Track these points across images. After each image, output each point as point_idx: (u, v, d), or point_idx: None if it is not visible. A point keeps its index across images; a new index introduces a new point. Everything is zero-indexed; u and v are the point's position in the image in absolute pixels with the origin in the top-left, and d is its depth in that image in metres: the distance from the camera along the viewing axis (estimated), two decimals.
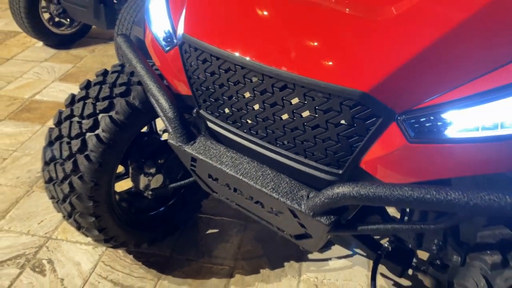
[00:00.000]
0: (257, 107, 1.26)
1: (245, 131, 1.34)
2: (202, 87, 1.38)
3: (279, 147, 1.28)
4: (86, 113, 1.71)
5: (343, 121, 1.12)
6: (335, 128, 1.13)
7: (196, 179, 1.58)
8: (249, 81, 1.23)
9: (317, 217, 1.18)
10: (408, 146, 1.07)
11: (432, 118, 1.05)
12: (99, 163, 1.67)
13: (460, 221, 1.12)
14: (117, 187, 1.90)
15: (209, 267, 2.11)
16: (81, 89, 1.81)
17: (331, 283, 2.04)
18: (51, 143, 1.79)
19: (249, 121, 1.31)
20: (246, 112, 1.29)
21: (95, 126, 1.68)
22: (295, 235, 1.36)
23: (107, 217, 1.82)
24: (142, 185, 1.93)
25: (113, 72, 1.82)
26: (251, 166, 1.33)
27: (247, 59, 1.19)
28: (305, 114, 1.17)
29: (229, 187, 1.42)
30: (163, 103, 1.45)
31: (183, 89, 1.51)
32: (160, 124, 2.02)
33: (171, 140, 1.46)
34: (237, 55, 1.21)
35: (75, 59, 4.07)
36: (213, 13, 1.35)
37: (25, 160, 2.77)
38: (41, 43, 4.32)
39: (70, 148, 1.70)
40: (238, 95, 1.28)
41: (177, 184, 1.90)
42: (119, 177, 2.00)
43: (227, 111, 1.36)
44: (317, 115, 1.14)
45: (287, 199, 1.23)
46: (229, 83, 1.28)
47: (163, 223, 2.15)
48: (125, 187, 2.05)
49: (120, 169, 1.91)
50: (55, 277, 2.03)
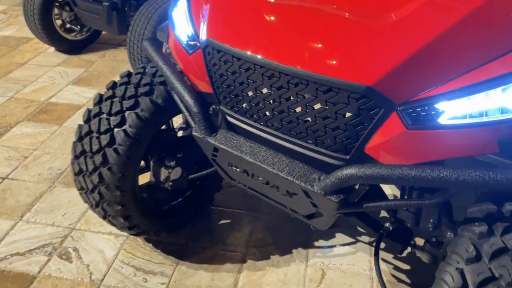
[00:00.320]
0: (273, 101, 1.44)
1: (262, 123, 1.52)
2: (223, 85, 1.56)
3: (292, 136, 1.46)
4: (114, 110, 1.88)
5: (350, 112, 1.29)
6: (343, 118, 1.31)
7: (216, 168, 1.75)
8: (267, 78, 1.40)
9: (328, 196, 1.36)
10: (406, 132, 1.25)
11: (427, 108, 1.23)
12: (126, 156, 1.85)
13: (451, 196, 1.30)
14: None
15: (223, 253, 2.28)
16: (107, 89, 1.98)
17: (336, 267, 2.21)
18: (81, 138, 1.95)
19: (266, 114, 1.48)
20: (263, 106, 1.47)
21: (123, 122, 1.85)
22: (307, 215, 1.53)
23: (132, 206, 1.99)
24: (162, 177, 2.10)
25: (136, 73, 2.00)
26: (268, 154, 1.51)
27: (266, 59, 1.37)
28: (317, 106, 1.35)
29: (248, 174, 1.59)
30: (188, 99, 1.63)
31: (205, 88, 1.68)
32: (176, 122, 2.20)
33: (196, 132, 1.64)
34: (257, 56, 1.39)
35: (86, 63, 4.25)
36: (234, 20, 1.53)
37: (45, 158, 2.94)
38: (53, 49, 4.50)
39: (99, 142, 1.87)
40: (256, 91, 1.46)
41: (195, 175, 2.08)
42: (140, 170, 2.17)
43: (245, 106, 1.54)
44: (327, 107, 1.32)
45: (301, 181, 1.41)
46: (248, 80, 1.46)
47: (179, 214, 2.32)
48: (143, 182, 2.22)
49: (141, 163, 2.09)
50: (81, 263, 2.20)
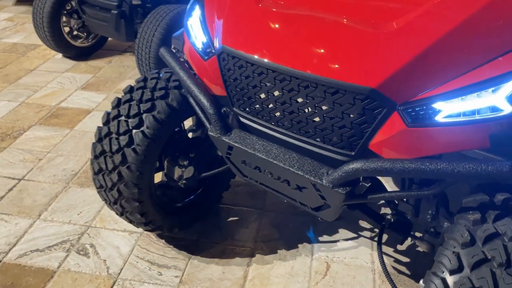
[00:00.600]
0: (284, 103, 1.57)
1: (273, 123, 1.65)
2: (237, 89, 1.69)
3: (302, 135, 1.59)
4: (132, 113, 2.01)
5: (355, 112, 1.43)
6: (349, 117, 1.44)
7: (229, 166, 1.88)
8: (279, 82, 1.54)
9: (335, 188, 1.49)
10: (406, 129, 1.38)
11: (425, 107, 1.36)
12: (144, 155, 1.97)
13: (447, 186, 1.44)
14: None
15: (232, 248, 2.40)
16: (125, 93, 2.11)
17: (340, 261, 2.34)
18: (100, 139, 2.08)
19: (277, 115, 1.62)
20: (275, 107, 1.60)
21: (140, 124, 1.99)
22: (315, 208, 1.66)
23: (148, 203, 2.12)
24: (176, 176, 2.23)
25: (152, 78, 2.13)
26: (279, 151, 1.64)
27: (278, 64, 1.51)
28: (325, 107, 1.48)
29: (260, 170, 1.72)
30: (204, 102, 1.76)
31: (218, 91, 1.81)
32: (187, 124, 2.32)
33: (211, 132, 1.77)
34: (270, 61, 1.53)
35: (94, 69, 4.38)
36: (248, 28, 1.66)
37: (59, 160, 3.06)
38: (60, 55, 4.63)
39: (119, 143, 2.00)
40: (268, 93, 1.59)
41: (207, 173, 2.20)
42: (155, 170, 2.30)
43: (258, 107, 1.67)
44: (334, 108, 1.46)
45: (311, 176, 1.54)
46: (261, 84, 1.59)
47: (191, 211, 2.45)
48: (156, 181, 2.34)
49: None
50: (98, 258, 2.32)
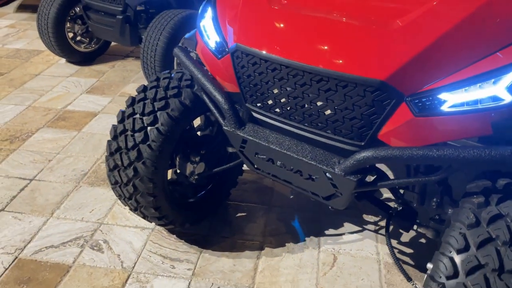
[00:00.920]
0: (297, 97, 1.66)
1: (285, 117, 1.74)
2: (250, 85, 1.78)
3: (313, 127, 1.68)
4: (146, 111, 2.09)
5: (365, 104, 1.52)
6: (359, 109, 1.54)
7: (242, 159, 1.96)
8: (292, 77, 1.63)
9: (347, 176, 1.58)
10: (414, 119, 1.48)
11: (431, 98, 1.46)
12: (159, 151, 2.05)
13: (453, 172, 1.53)
14: None
15: (242, 242, 2.48)
16: (138, 93, 2.20)
17: (346, 252, 2.42)
18: (115, 137, 2.16)
19: (290, 108, 1.71)
20: (287, 101, 1.69)
21: (155, 121, 2.07)
22: (326, 196, 1.75)
23: (162, 197, 2.19)
24: (188, 172, 2.31)
25: (164, 78, 2.22)
26: (292, 143, 1.73)
27: (291, 60, 1.60)
28: (336, 100, 1.57)
29: (273, 162, 1.81)
30: (219, 98, 1.85)
31: (231, 88, 1.90)
32: (196, 123, 2.41)
33: (226, 127, 1.86)
34: (283, 57, 1.62)
35: (97, 74, 4.46)
36: (260, 27, 1.76)
37: (68, 161, 3.13)
38: (64, 60, 4.70)
39: (134, 139, 2.08)
40: (281, 88, 1.68)
41: (218, 168, 2.29)
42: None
43: (271, 102, 1.76)
44: (345, 100, 1.55)
45: (323, 165, 1.63)
46: (275, 79, 1.68)
47: (201, 207, 2.52)
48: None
49: None
50: (112, 253, 2.38)
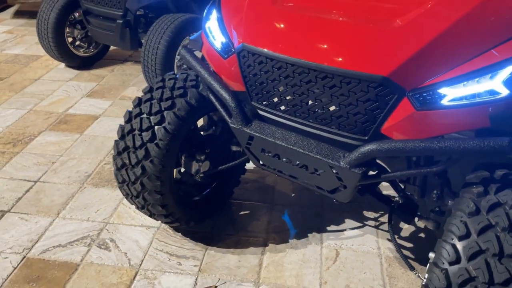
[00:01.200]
0: (302, 94, 1.72)
1: (291, 113, 1.80)
2: (256, 83, 1.85)
3: (318, 123, 1.74)
4: (153, 110, 2.15)
5: (369, 99, 1.59)
6: (363, 104, 1.60)
7: (248, 156, 2.02)
8: (298, 74, 1.70)
9: (352, 168, 1.65)
10: (415, 113, 1.55)
11: (431, 93, 1.53)
12: (166, 149, 2.11)
13: (453, 163, 1.60)
14: None
15: (246, 239, 2.53)
16: (145, 93, 2.25)
17: (348, 247, 2.48)
18: (123, 136, 2.21)
19: (295, 105, 1.77)
20: (293, 98, 1.76)
21: (162, 120, 2.12)
22: (331, 190, 1.81)
23: (169, 195, 2.24)
24: (193, 170, 2.37)
25: (169, 79, 2.27)
26: (298, 138, 1.80)
27: (297, 58, 1.67)
28: (340, 96, 1.64)
29: (279, 158, 1.87)
30: (226, 96, 1.91)
31: (237, 87, 1.96)
32: (199, 123, 2.46)
33: (233, 124, 1.92)
34: (289, 56, 1.69)
35: (97, 78, 4.50)
36: (266, 27, 1.82)
37: (72, 163, 3.17)
38: (63, 65, 4.75)
39: (142, 138, 2.13)
40: (287, 86, 1.75)
41: (223, 166, 2.35)
42: None
43: (276, 99, 1.82)
44: (349, 96, 1.62)
45: (329, 159, 1.70)
46: (280, 77, 1.75)
47: (206, 205, 2.58)
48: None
49: None
50: (119, 251, 2.43)
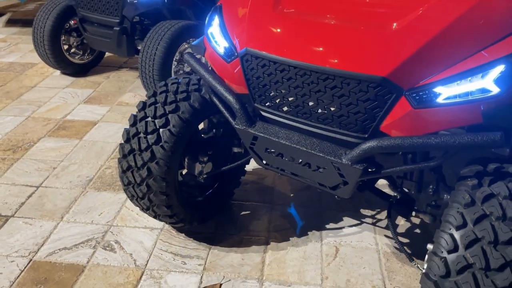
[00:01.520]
0: (304, 95, 1.81)
1: (293, 114, 1.89)
2: (259, 85, 1.93)
3: (320, 122, 1.83)
4: (158, 114, 2.22)
5: (368, 99, 1.68)
6: (363, 103, 1.69)
7: (252, 155, 2.09)
8: (300, 76, 1.78)
9: (354, 165, 1.73)
10: (413, 111, 1.64)
11: (427, 91, 1.62)
12: (171, 151, 2.18)
13: (449, 157, 1.70)
14: None
15: (248, 238, 2.60)
16: (149, 97, 2.33)
17: (347, 244, 2.57)
18: (128, 139, 2.27)
19: (297, 106, 1.85)
20: (295, 99, 1.84)
21: (167, 123, 2.19)
22: (333, 186, 1.90)
23: (173, 196, 2.31)
24: (197, 171, 2.44)
25: (172, 83, 2.35)
26: (300, 137, 1.88)
27: (300, 61, 1.75)
28: (341, 96, 1.73)
29: (282, 156, 1.95)
30: (230, 98, 1.99)
31: (240, 89, 2.04)
32: (199, 126, 2.53)
33: (237, 125, 2.00)
34: (291, 59, 1.77)
35: (93, 84, 4.55)
36: (268, 32, 1.91)
37: (73, 168, 3.22)
38: (58, 72, 4.79)
39: (147, 141, 2.20)
40: (290, 88, 1.83)
41: (227, 167, 2.42)
42: None
43: (279, 101, 1.90)
44: (350, 96, 1.70)
45: (331, 156, 1.78)
46: (283, 80, 1.83)
47: (208, 206, 2.64)
48: None
49: None
50: (124, 253, 2.48)
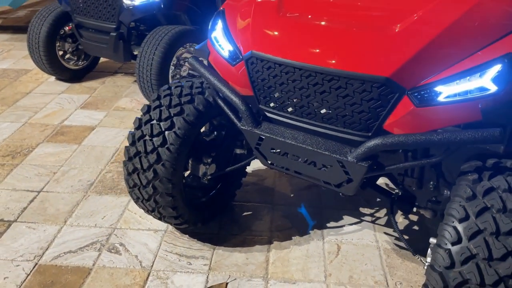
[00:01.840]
0: (309, 96, 1.87)
1: (298, 114, 1.95)
2: (264, 87, 1.99)
3: (325, 122, 1.89)
4: (163, 116, 2.26)
5: (372, 98, 1.74)
6: (367, 103, 1.76)
7: (256, 155, 2.14)
8: (305, 78, 1.84)
9: (359, 162, 1.79)
10: (415, 109, 1.71)
11: (429, 91, 1.69)
12: (177, 153, 2.22)
13: (451, 153, 1.77)
14: None
15: (251, 238, 2.65)
16: (153, 101, 2.36)
17: (348, 242, 2.63)
18: (134, 142, 2.31)
19: (302, 106, 1.91)
20: (300, 100, 1.90)
21: (172, 125, 2.24)
22: (338, 184, 1.95)
23: (179, 197, 2.35)
24: (201, 173, 2.48)
25: (176, 87, 2.39)
26: (306, 137, 1.94)
27: (305, 63, 1.81)
28: (346, 96, 1.79)
29: (288, 156, 2.01)
30: (236, 100, 2.04)
31: (245, 91, 2.09)
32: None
33: (243, 126, 2.05)
34: (297, 61, 1.83)
35: (89, 90, 4.57)
36: (273, 35, 1.97)
37: (73, 172, 3.23)
38: (53, 78, 4.79)
39: (153, 143, 2.24)
40: (295, 89, 1.89)
41: (231, 167, 2.47)
42: None
43: (284, 102, 1.96)
44: (354, 96, 1.77)
45: (337, 154, 1.84)
46: (289, 81, 1.89)
47: (211, 207, 2.69)
48: None
49: None
50: (129, 255, 2.51)
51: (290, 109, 1.96)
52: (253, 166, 3.14)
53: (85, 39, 4.26)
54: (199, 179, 2.53)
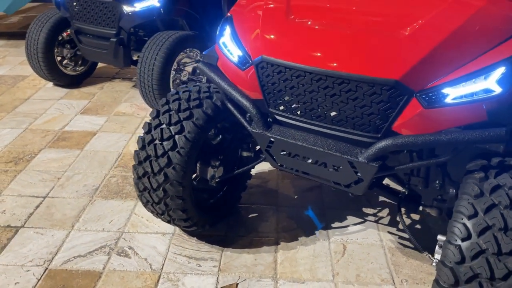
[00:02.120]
0: (319, 99, 1.92)
1: (308, 117, 2.00)
2: (274, 91, 2.04)
3: (335, 124, 1.94)
4: (173, 121, 2.30)
5: (382, 100, 1.80)
6: (376, 105, 1.82)
7: (266, 158, 2.19)
8: (315, 81, 1.90)
9: (370, 162, 1.85)
10: (423, 111, 1.77)
11: (436, 93, 1.76)
12: (187, 156, 2.26)
13: (458, 153, 1.84)
14: None
15: (258, 239, 2.69)
16: (162, 105, 2.40)
17: (353, 241, 2.68)
18: (143, 146, 2.34)
19: (312, 109, 1.97)
20: (310, 103, 1.96)
21: (182, 129, 2.28)
22: (348, 184, 2.01)
23: (188, 200, 2.39)
24: (209, 176, 2.52)
25: (184, 91, 2.44)
26: (316, 139, 1.99)
27: (315, 67, 1.87)
28: (356, 99, 1.85)
29: (298, 157, 2.06)
30: (246, 104, 2.09)
31: (254, 95, 2.14)
32: None
33: (254, 129, 2.10)
34: (307, 65, 1.89)
35: (88, 95, 4.58)
36: (283, 40, 2.03)
37: (77, 178, 3.25)
38: (51, 84, 4.79)
39: (163, 147, 2.28)
40: (305, 92, 1.95)
41: (239, 170, 2.52)
42: None
43: (294, 105, 2.01)
44: (364, 98, 1.83)
45: (348, 155, 1.90)
46: (299, 85, 1.95)
47: (218, 209, 2.73)
48: None
49: None
50: (139, 258, 2.54)
51: (299, 112, 2.02)
52: (256, 168, 3.18)
53: (84, 45, 4.28)
54: (206, 181, 2.57)
